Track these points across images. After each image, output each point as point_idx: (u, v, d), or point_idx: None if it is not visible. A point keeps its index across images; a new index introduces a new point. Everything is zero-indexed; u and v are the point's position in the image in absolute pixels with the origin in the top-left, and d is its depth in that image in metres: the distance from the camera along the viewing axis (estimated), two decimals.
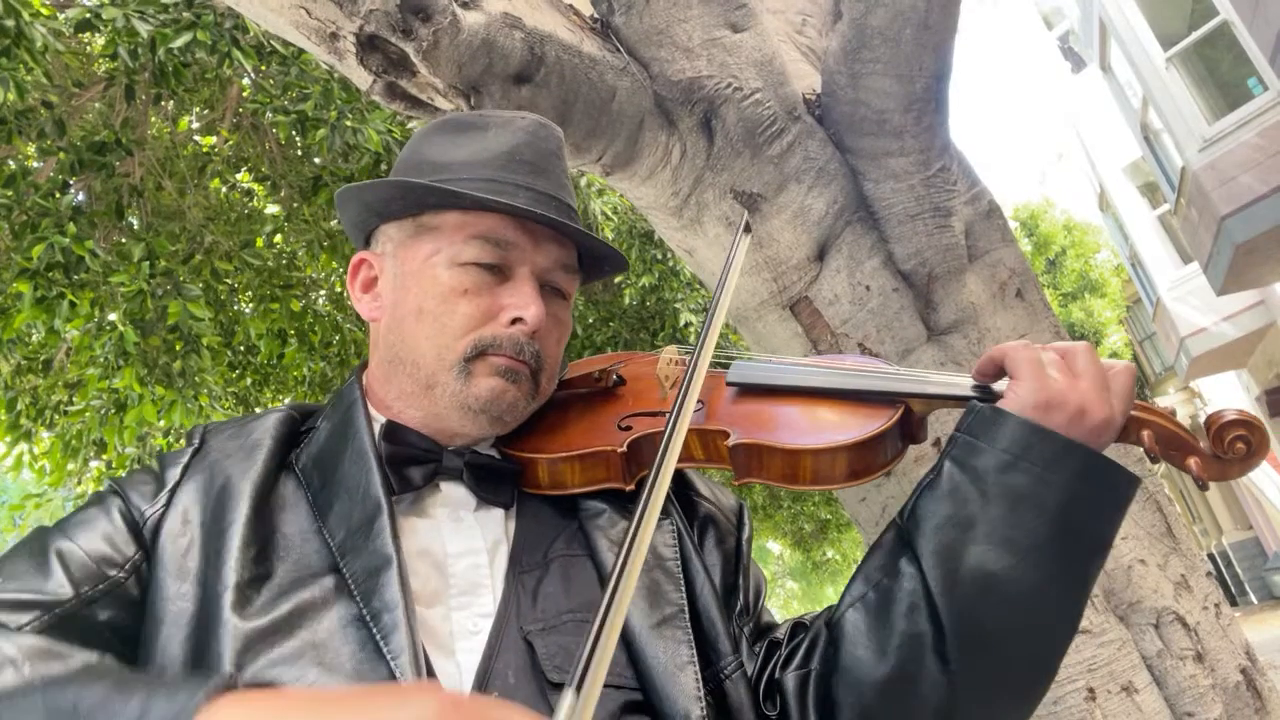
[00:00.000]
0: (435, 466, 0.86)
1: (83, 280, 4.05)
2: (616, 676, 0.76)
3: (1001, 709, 0.79)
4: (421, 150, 0.93)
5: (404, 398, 0.88)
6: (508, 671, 0.73)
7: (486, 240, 0.87)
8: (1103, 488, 0.77)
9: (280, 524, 0.79)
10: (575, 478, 0.89)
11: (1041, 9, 17.41)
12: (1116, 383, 0.80)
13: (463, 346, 0.85)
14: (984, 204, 2.17)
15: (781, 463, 0.84)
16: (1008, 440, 0.76)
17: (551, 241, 0.90)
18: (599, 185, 5.57)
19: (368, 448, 0.83)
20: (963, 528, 0.76)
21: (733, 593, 0.91)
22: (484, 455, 0.90)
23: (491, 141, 0.90)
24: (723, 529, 0.95)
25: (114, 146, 4.19)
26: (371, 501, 0.79)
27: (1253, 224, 7.86)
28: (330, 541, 0.78)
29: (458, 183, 0.87)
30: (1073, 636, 0.79)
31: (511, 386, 0.86)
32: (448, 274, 0.86)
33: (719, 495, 1.00)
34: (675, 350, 1.00)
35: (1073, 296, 15.95)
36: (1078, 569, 0.77)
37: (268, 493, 0.80)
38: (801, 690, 0.81)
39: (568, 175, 0.96)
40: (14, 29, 3.36)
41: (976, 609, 0.74)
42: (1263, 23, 7.03)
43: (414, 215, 0.90)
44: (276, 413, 0.90)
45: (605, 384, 0.98)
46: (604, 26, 2.06)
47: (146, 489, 0.80)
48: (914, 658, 0.76)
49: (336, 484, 0.82)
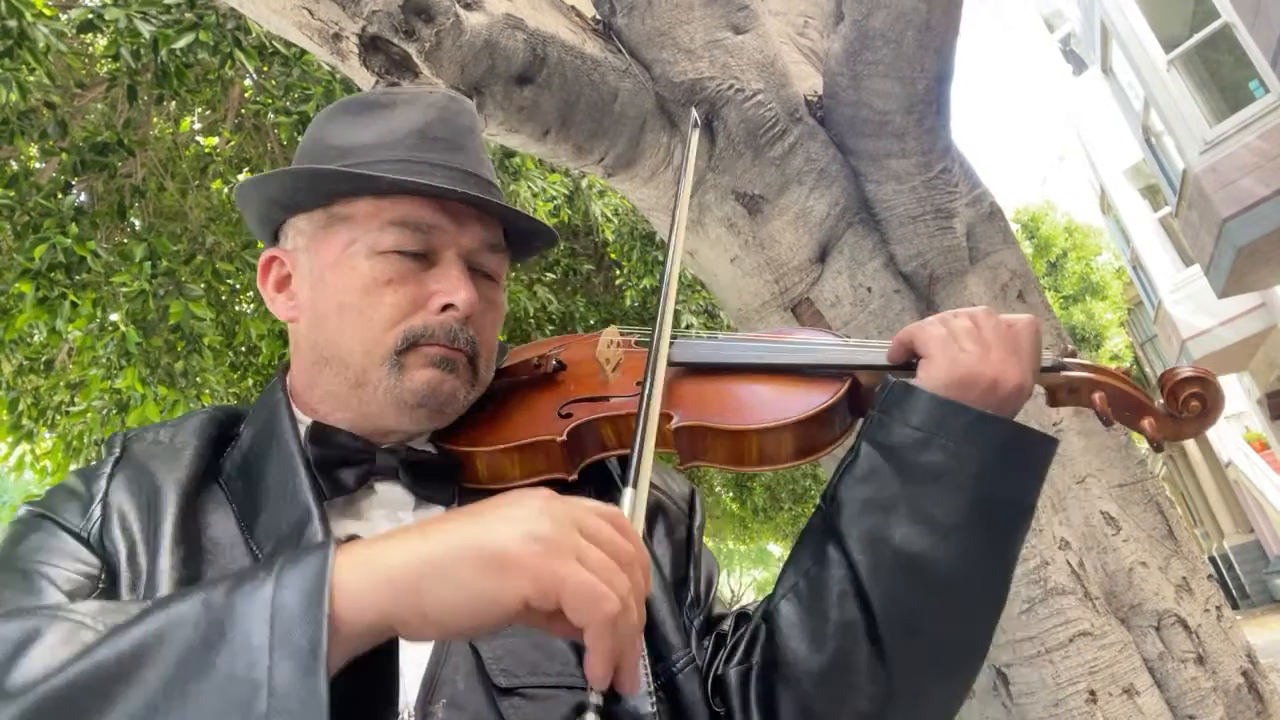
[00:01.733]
0: (368, 467, 0.81)
1: (85, 281, 4.05)
2: (566, 677, 0.73)
3: (936, 689, 0.78)
4: (324, 135, 0.87)
5: (331, 398, 0.83)
6: (456, 677, 0.70)
7: (406, 225, 0.81)
8: (1019, 456, 0.76)
9: (207, 527, 0.76)
10: (516, 470, 0.85)
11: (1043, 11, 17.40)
12: (1023, 342, 0.79)
13: (392, 339, 0.80)
14: (985, 206, 2.17)
15: (727, 445, 0.82)
16: (920, 417, 0.75)
17: (475, 221, 0.85)
18: (600, 186, 5.57)
19: (294, 451, 0.78)
20: (884, 510, 0.75)
21: (683, 584, 0.88)
22: (420, 451, 0.85)
23: (400, 120, 0.85)
24: (673, 518, 0.92)
25: (116, 147, 4.20)
26: (300, 508, 0.74)
27: (1254, 227, 7.86)
28: (258, 553, 0.74)
29: (368, 166, 0.81)
30: (1001, 608, 0.79)
31: (449, 376, 0.82)
32: (368, 264, 0.81)
33: (670, 482, 0.96)
34: (615, 331, 0.95)
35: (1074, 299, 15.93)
36: (1000, 540, 0.76)
37: (194, 494, 0.76)
38: (744, 686, 0.80)
39: (485, 150, 0.91)
40: (16, 30, 3.36)
41: (904, 591, 0.74)
42: (1264, 25, 7.03)
43: (324, 205, 0.84)
44: (200, 414, 0.86)
45: (545, 370, 0.93)
46: (606, 28, 2.07)
47: (74, 505, 0.75)
48: (847, 646, 0.75)
49: (263, 492, 0.78)
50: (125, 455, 0.81)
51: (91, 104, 4.93)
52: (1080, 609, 1.86)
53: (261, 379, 5.74)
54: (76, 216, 4.08)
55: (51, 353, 5.20)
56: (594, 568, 0.52)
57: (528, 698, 0.70)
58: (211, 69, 4.39)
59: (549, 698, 0.71)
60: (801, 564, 0.81)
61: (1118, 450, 2.07)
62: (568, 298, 6.19)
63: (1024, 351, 0.79)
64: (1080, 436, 2.05)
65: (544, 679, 0.72)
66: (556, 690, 0.72)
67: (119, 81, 4.08)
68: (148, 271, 4.05)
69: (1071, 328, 15.07)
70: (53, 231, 3.86)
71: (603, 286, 6.79)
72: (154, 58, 3.72)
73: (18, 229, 4.00)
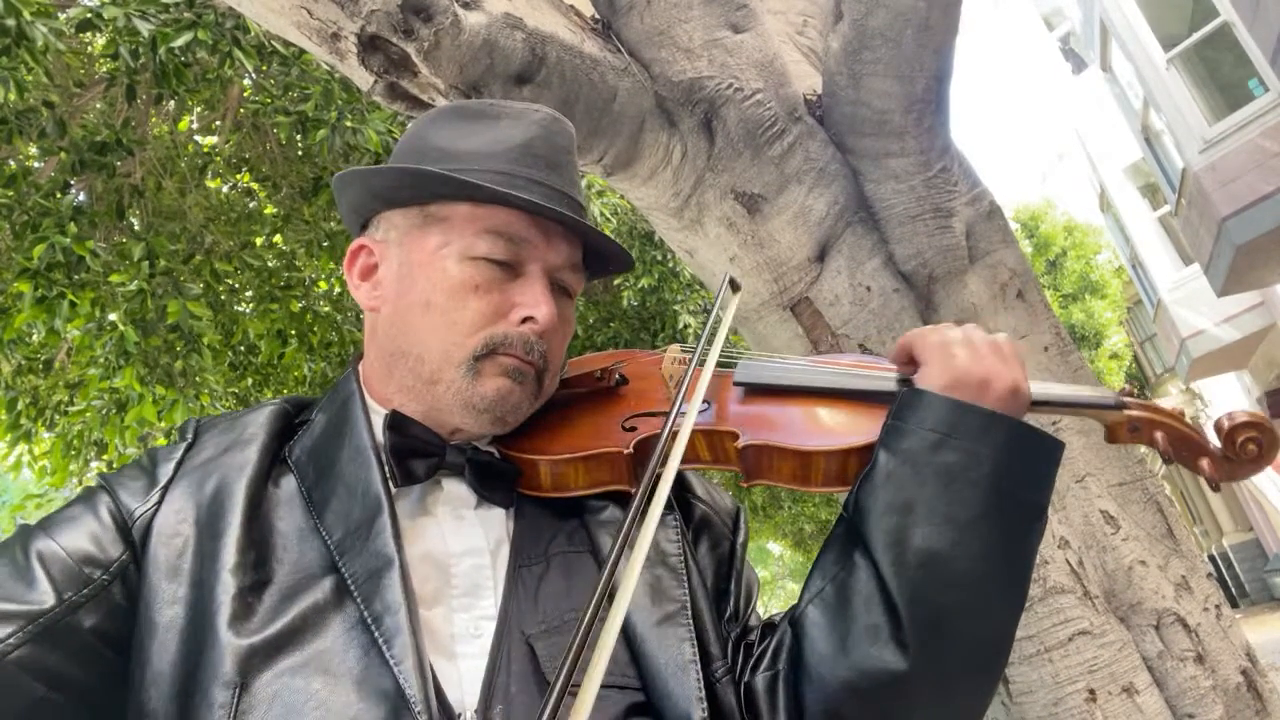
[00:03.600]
0: (438, 460, 0.83)
1: (83, 280, 4.04)
2: (619, 677, 0.75)
3: (962, 688, 0.79)
4: (428, 137, 0.90)
5: (404, 391, 0.86)
6: (510, 682, 0.72)
7: (500, 235, 0.84)
8: (1029, 454, 0.79)
9: (276, 521, 0.77)
10: (579, 479, 0.87)
11: (1042, 10, 17.40)
12: (1006, 350, 0.83)
13: (473, 344, 0.83)
14: (985, 205, 2.17)
15: (793, 465, 0.84)
16: (934, 420, 0.78)
17: (563, 239, 0.88)
18: (599, 186, 5.56)
19: (366, 443, 0.81)
20: (904, 512, 0.77)
21: (723, 597, 0.90)
22: (485, 452, 0.88)
23: (504, 133, 0.88)
24: (717, 532, 0.95)
25: (115, 146, 4.19)
26: (372, 499, 0.77)
27: (1253, 225, 7.86)
28: (328, 540, 0.76)
29: (470, 174, 0.84)
30: (1022, 607, 0.81)
31: (517, 387, 0.85)
32: (458, 268, 0.84)
33: (716, 497, 0.99)
34: (679, 349, 0.98)
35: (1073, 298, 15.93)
36: (1017, 537, 0.78)
37: (262, 490, 0.79)
38: (771, 692, 0.81)
39: (578, 171, 0.94)
40: (15, 28, 3.35)
41: (927, 590, 0.75)
42: (1263, 24, 7.03)
43: (422, 204, 0.87)
44: (270, 405, 0.88)
45: (608, 383, 0.96)
46: (605, 27, 2.06)
47: (137, 485, 0.78)
48: (874, 649, 0.76)
49: (334, 479, 0.80)
50: (196, 444, 0.83)
51: (90, 103, 4.92)
52: (1079, 608, 1.86)
53: (261, 379, 5.74)
54: (75, 216, 4.08)
55: (50, 352, 5.20)
56: None
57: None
58: (210, 68, 4.38)
59: (601, 698, 0.71)
60: (827, 570, 0.82)
61: (1117, 449, 2.07)
62: None
63: (1010, 357, 0.83)
64: (1079, 436, 2.05)
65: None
66: (609, 690, 0.73)
67: (117, 81, 4.07)
68: (146, 271, 4.05)
69: (1071, 326, 15.06)
70: (51, 231, 3.86)
71: (602, 286, 6.78)
72: (153, 57, 3.71)
73: (16, 228, 4.00)
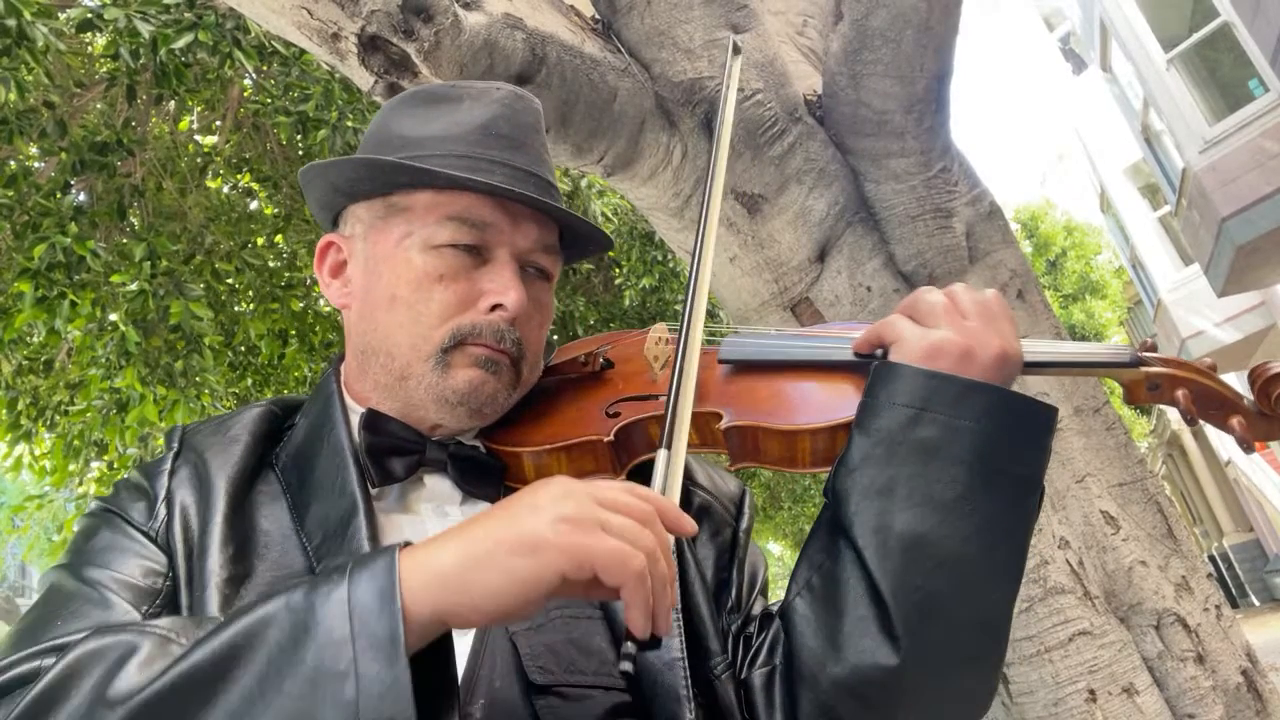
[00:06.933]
0: (419, 458, 0.81)
1: (84, 280, 4.05)
2: (603, 677, 0.73)
3: (957, 677, 0.75)
4: (390, 125, 0.87)
5: (379, 389, 0.84)
6: (493, 676, 0.70)
7: (462, 221, 0.81)
8: (1016, 423, 0.72)
9: (260, 520, 0.77)
10: (562, 469, 0.83)
11: (1042, 10, 17.40)
12: (995, 308, 0.77)
13: (439, 336, 0.81)
14: (985, 205, 2.17)
15: (779, 445, 0.79)
16: (907, 394, 0.72)
17: (531, 221, 0.84)
18: (599, 186, 5.56)
19: (344, 443, 0.79)
20: (884, 495, 0.72)
21: (724, 587, 0.87)
22: (469, 447, 0.85)
23: (465, 115, 0.85)
24: (718, 520, 0.91)
25: (115, 147, 4.19)
26: (347, 499, 0.76)
27: (1254, 225, 7.86)
28: (308, 546, 0.75)
29: (430, 159, 0.81)
30: (1017, 586, 0.75)
31: (491, 378, 0.82)
32: (421, 258, 0.81)
33: (718, 482, 0.95)
34: (664, 328, 0.93)
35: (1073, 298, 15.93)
36: (1008, 513, 0.72)
37: (245, 488, 0.78)
38: (767, 689, 0.78)
39: (547, 149, 0.91)
40: (15, 29, 3.36)
41: (914, 576, 0.70)
42: (1263, 24, 7.03)
43: (384, 195, 0.84)
44: (256, 408, 0.87)
45: (592, 368, 0.91)
46: (605, 27, 2.07)
47: (140, 506, 0.77)
48: (863, 642, 0.72)
49: (314, 483, 0.79)
50: (183, 449, 0.82)
51: (90, 103, 4.92)
52: (1079, 608, 1.86)
53: (261, 379, 5.74)
54: (76, 216, 4.08)
55: (51, 352, 5.20)
56: (617, 533, 0.56)
57: (563, 696, 0.71)
58: (210, 69, 4.38)
59: (584, 697, 0.71)
60: (814, 559, 0.79)
61: (1117, 449, 2.07)
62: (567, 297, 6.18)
63: (999, 317, 0.76)
64: (1080, 436, 2.05)
65: (580, 678, 0.72)
66: (592, 690, 0.72)
67: (118, 81, 4.07)
68: (147, 271, 4.05)
69: (1071, 326, 15.06)
70: (52, 231, 3.86)
71: (602, 286, 6.78)
72: (153, 57, 3.71)
73: (17, 228, 4.00)
